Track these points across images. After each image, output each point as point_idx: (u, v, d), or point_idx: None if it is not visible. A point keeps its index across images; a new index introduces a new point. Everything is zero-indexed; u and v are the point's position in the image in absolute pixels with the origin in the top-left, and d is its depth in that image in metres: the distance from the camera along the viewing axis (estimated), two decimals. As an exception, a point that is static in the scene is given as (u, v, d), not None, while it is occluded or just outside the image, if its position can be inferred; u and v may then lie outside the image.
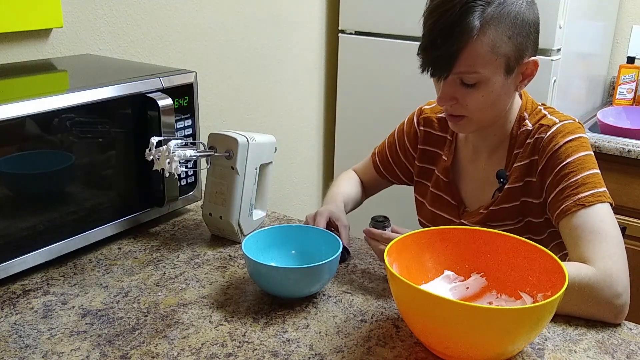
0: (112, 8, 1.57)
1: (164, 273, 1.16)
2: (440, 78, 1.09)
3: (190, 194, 1.39)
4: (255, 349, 0.94)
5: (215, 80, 1.91)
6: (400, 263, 0.99)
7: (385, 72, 2.20)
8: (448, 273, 1.04)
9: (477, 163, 1.26)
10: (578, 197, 1.07)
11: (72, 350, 0.92)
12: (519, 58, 1.09)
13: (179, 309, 1.04)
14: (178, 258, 1.22)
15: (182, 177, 1.35)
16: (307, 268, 1.03)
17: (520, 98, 1.21)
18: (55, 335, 0.96)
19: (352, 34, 2.26)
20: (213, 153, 1.23)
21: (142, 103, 1.23)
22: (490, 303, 1.00)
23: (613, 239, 1.04)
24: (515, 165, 1.18)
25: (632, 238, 2.00)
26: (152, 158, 1.17)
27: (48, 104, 1.07)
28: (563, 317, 1.02)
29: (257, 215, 1.31)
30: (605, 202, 1.07)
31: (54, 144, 1.10)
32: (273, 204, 2.05)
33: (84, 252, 1.22)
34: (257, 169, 1.27)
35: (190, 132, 1.34)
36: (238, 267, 1.19)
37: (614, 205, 1.10)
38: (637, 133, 2.06)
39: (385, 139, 1.44)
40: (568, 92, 2.09)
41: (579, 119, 1.18)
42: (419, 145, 1.34)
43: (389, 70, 2.18)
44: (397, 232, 1.15)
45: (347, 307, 1.06)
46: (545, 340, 0.97)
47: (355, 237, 1.31)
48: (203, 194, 1.30)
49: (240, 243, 1.25)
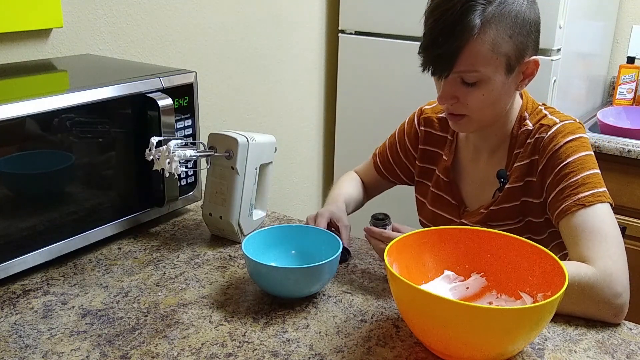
0: (112, 8, 1.57)
1: (164, 273, 1.16)
2: (441, 77, 1.09)
3: (190, 194, 1.39)
4: (255, 349, 0.94)
5: (215, 80, 1.91)
6: (400, 263, 0.99)
7: (385, 72, 2.19)
8: (448, 273, 1.04)
9: (477, 163, 1.26)
10: (578, 197, 1.07)
11: (72, 350, 0.92)
12: (520, 57, 1.09)
13: (179, 309, 1.04)
14: (178, 258, 1.22)
15: (182, 177, 1.35)
16: (307, 268, 1.03)
17: (521, 98, 1.21)
18: (55, 335, 0.96)
19: (352, 34, 2.26)
20: (213, 153, 1.23)
21: (142, 103, 1.23)
22: (490, 303, 1.00)
23: (613, 239, 1.04)
24: (516, 165, 1.18)
25: (632, 238, 2.00)
26: (152, 158, 1.17)
27: (48, 104, 1.07)
28: (563, 317, 1.02)
29: (257, 215, 1.31)
30: (605, 202, 1.07)
31: (54, 144, 1.10)
32: (273, 204, 2.05)
33: (84, 252, 1.22)
34: (257, 169, 1.27)
35: (190, 132, 1.34)
36: (238, 267, 1.19)
37: (614, 205, 1.10)
38: (637, 133, 2.06)
39: (386, 140, 1.44)
40: (568, 92, 2.09)
41: (579, 119, 1.18)
42: (420, 145, 1.34)
43: (389, 70, 2.18)
44: (397, 229, 1.15)
45: (347, 307, 1.06)
46: (545, 340, 0.97)
47: (356, 237, 1.31)
48: (203, 194, 1.30)
49: (240, 243, 1.25)
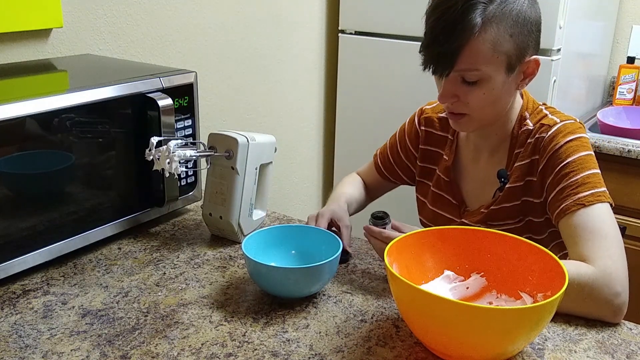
0: (112, 8, 1.57)
1: (164, 273, 1.16)
2: (442, 75, 1.09)
3: (190, 194, 1.39)
4: (255, 349, 0.94)
5: (215, 80, 1.90)
6: (400, 263, 0.99)
7: (385, 72, 2.19)
8: (448, 273, 1.04)
9: (478, 162, 1.26)
10: (578, 196, 1.07)
11: (72, 350, 0.92)
12: (521, 56, 1.09)
13: (179, 309, 1.04)
14: (178, 258, 1.22)
15: (182, 177, 1.35)
16: (307, 268, 1.03)
17: (522, 98, 1.21)
18: (55, 335, 0.96)
19: (352, 34, 2.26)
20: (213, 153, 1.23)
21: (142, 103, 1.23)
22: (490, 303, 1.00)
23: (612, 239, 1.04)
24: (516, 165, 1.18)
25: (632, 238, 1.99)
26: (152, 158, 1.17)
27: (48, 104, 1.07)
28: (563, 317, 1.02)
29: (257, 215, 1.31)
30: (605, 202, 1.07)
31: (54, 144, 1.10)
32: (273, 204, 2.05)
33: (84, 252, 1.22)
34: (257, 169, 1.27)
35: (190, 132, 1.34)
36: (238, 267, 1.19)
37: (614, 205, 1.10)
38: (637, 133, 2.06)
39: (387, 141, 1.44)
40: (568, 92, 2.09)
41: (579, 119, 1.18)
42: (420, 145, 1.34)
43: (389, 70, 2.18)
44: (397, 227, 1.15)
45: (347, 307, 1.06)
46: (545, 340, 0.97)
47: (356, 237, 1.31)
48: (203, 194, 1.30)
49: (240, 243, 1.25)
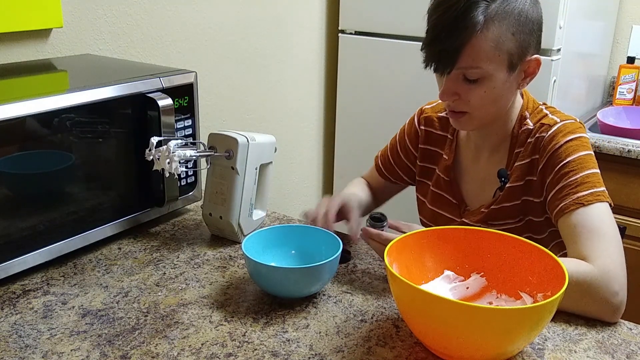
0: (112, 8, 1.57)
1: (164, 273, 1.16)
2: (444, 73, 1.09)
3: (190, 194, 1.39)
4: (255, 349, 0.94)
5: (215, 80, 1.90)
6: (400, 263, 0.99)
7: (385, 72, 2.19)
8: (448, 273, 1.04)
9: (478, 162, 1.26)
10: (577, 195, 1.07)
11: (72, 350, 0.92)
12: (522, 55, 1.09)
13: (179, 309, 1.04)
14: (178, 258, 1.22)
15: (182, 177, 1.35)
16: (307, 268, 1.03)
17: (522, 97, 1.21)
18: (55, 335, 0.96)
19: (352, 34, 2.26)
20: (213, 153, 1.23)
21: (142, 103, 1.23)
22: (490, 303, 1.00)
23: (611, 238, 1.04)
24: (516, 164, 1.18)
25: (632, 238, 1.99)
26: (152, 158, 1.17)
27: (48, 104, 1.07)
28: (563, 317, 1.02)
29: (257, 215, 1.31)
30: (604, 201, 1.07)
31: (54, 144, 1.10)
32: (273, 204, 2.05)
33: (84, 252, 1.22)
34: (257, 169, 1.27)
35: (190, 132, 1.34)
36: (238, 267, 1.19)
37: (614, 205, 1.10)
38: (637, 133, 2.06)
39: (388, 143, 1.44)
40: (568, 92, 2.09)
41: (579, 119, 1.18)
42: (420, 145, 1.34)
43: (389, 70, 2.18)
44: (394, 226, 1.15)
45: (347, 307, 1.06)
46: (545, 340, 0.97)
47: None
48: (203, 194, 1.30)
49: (240, 243, 1.25)
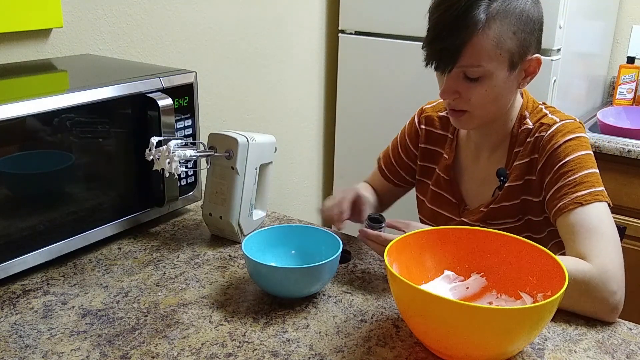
0: (112, 8, 1.57)
1: (164, 273, 1.16)
2: (445, 71, 1.09)
3: (190, 194, 1.39)
4: (255, 349, 0.94)
5: (215, 80, 1.90)
6: (400, 263, 0.99)
7: (385, 72, 2.19)
8: (448, 273, 1.04)
9: (478, 161, 1.26)
10: (576, 195, 1.07)
11: (72, 350, 0.92)
12: (523, 54, 1.09)
13: (179, 309, 1.04)
14: (178, 258, 1.22)
15: (182, 177, 1.35)
16: (307, 268, 1.03)
17: (522, 97, 1.22)
18: (55, 335, 0.96)
19: (352, 34, 2.26)
20: (213, 153, 1.23)
21: (142, 103, 1.23)
22: (490, 303, 1.00)
23: (610, 237, 1.04)
24: (516, 164, 1.18)
25: (632, 238, 1.99)
26: (152, 158, 1.17)
27: (48, 104, 1.07)
28: (563, 317, 1.02)
29: (257, 215, 1.31)
30: (603, 201, 1.08)
31: (54, 144, 1.10)
32: (273, 204, 2.05)
33: (84, 252, 1.22)
34: (257, 169, 1.27)
35: (190, 132, 1.34)
36: (238, 267, 1.19)
37: (613, 205, 1.10)
38: (637, 133, 2.06)
39: (389, 144, 1.44)
40: (568, 92, 2.09)
41: (579, 119, 1.18)
42: (420, 144, 1.35)
43: (389, 70, 2.18)
44: (393, 225, 1.15)
45: (347, 307, 1.06)
46: (545, 340, 0.97)
47: (355, 236, 1.31)
48: (203, 194, 1.30)
49: (240, 243, 1.25)
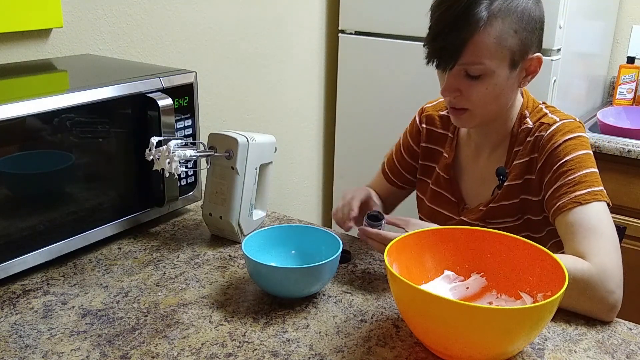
0: (112, 8, 1.57)
1: (164, 273, 1.16)
2: (446, 69, 1.09)
3: (190, 194, 1.39)
4: (255, 349, 0.94)
5: (215, 80, 1.90)
6: (400, 263, 0.99)
7: (385, 72, 2.19)
8: (448, 273, 1.04)
9: (478, 160, 1.26)
10: (575, 194, 1.08)
11: (72, 350, 0.92)
12: (524, 53, 1.09)
13: (179, 309, 1.04)
14: (178, 258, 1.22)
15: (182, 177, 1.35)
16: (307, 268, 1.03)
17: (522, 97, 1.22)
18: (55, 335, 0.96)
19: (352, 34, 2.26)
20: (213, 153, 1.23)
21: (142, 103, 1.23)
22: (490, 303, 1.00)
23: (609, 237, 1.04)
24: (515, 163, 1.18)
25: (632, 238, 1.99)
26: (152, 158, 1.17)
27: (48, 104, 1.07)
28: (563, 317, 1.02)
29: (257, 215, 1.31)
30: (602, 200, 1.08)
31: (54, 144, 1.10)
32: (273, 204, 2.05)
33: (84, 252, 1.22)
34: (257, 169, 1.27)
35: (190, 132, 1.34)
36: (238, 267, 1.19)
37: (613, 205, 1.10)
38: (637, 133, 2.06)
39: (392, 147, 1.44)
40: (568, 92, 2.09)
41: (579, 119, 1.18)
42: (422, 143, 1.35)
43: (389, 70, 2.18)
44: (392, 222, 1.15)
45: (347, 307, 1.06)
46: (545, 340, 0.97)
47: (356, 236, 1.31)
48: (203, 194, 1.30)
49: (240, 243, 1.25)
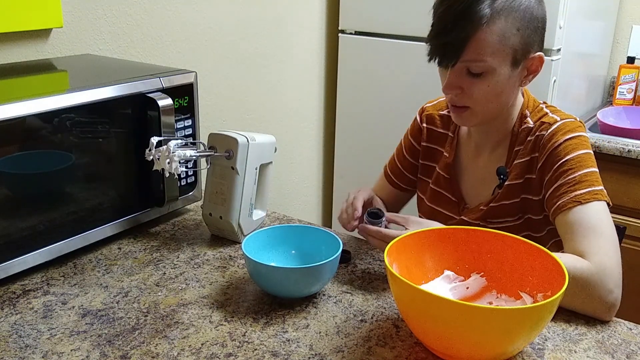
0: (112, 8, 1.57)
1: (164, 273, 1.16)
2: (448, 66, 1.10)
3: (190, 194, 1.39)
4: (255, 349, 0.94)
5: (215, 80, 1.90)
6: (400, 263, 0.99)
7: (385, 72, 2.19)
8: (448, 273, 1.04)
9: (478, 160, 1.26)
10: (575, 194, 1.08)
11: (72, 350, 0.92)
12: (526, 52, 1.10)
13: (179, 309, 1.04)
14: (178, 258, 1.22)
15: (182, 177, 1.35)
16: (307, 268, 1.03)
17: (522, 96, 1.22)
18: (55, 335, 0.96)
19: (352, 34, 2.26)
20: (213, 153, 1.23)
21: (142, 103, 1.23)
22: (490, 303, 1.00)
23: (608, 237, 1.04)
24: (516, 162, 1.18)
25: (632, 238, 1.99)
26: (152, 158, 1.17)
27: (48, 104, 1.07)
28: (563, 317, 1.02)
29: (257, 215, 1.31)
30: (602, 200, 1.08)
31: (54, 144, 1.10)
32: (273, 204, 2.05)
33: (84, 252, 1.22)
34: (257, 169, 1.27)
35: (190, 132, 1.34)
36: (238, 267, 1.19)
37: (612, 205, 1.10)
38: (637, 133, 2.06)
39: (394, 150, 1.44)
40: (568, 92, 2.09)
41: (580, 119, 1.18)
42: (422, 143, 1.35)
43: (389, 70, 2.18)
44: (392, 220, 1.15)
45: (347, 307, 1.06)
46: (545, 340, 0.97)
47: (355, 236, 1.31)
48: (203, 194, 1.30)
49: (240, 243, 1.25)
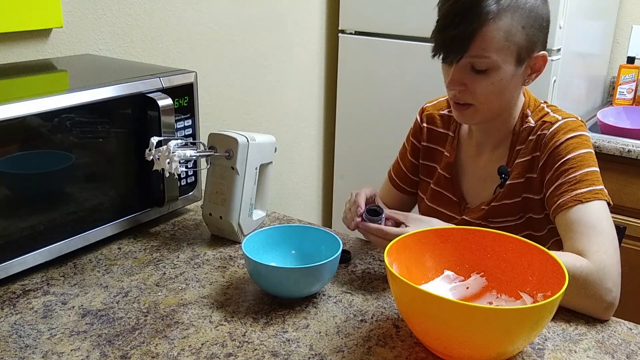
0: (112, 8, 1.57)
1: (164, 273, 1.16)
2: (452, 62, 1.10)
3: (190, 194, 1.39)
4: (255, 349, 0.94)
5: (215, 80, 1.90)
6: (400, 263, 0.99)
7: (385, 72, 2.19)
8: (448, 273, 1.04)
9: (479, 159, 1.26)
10: (575, 192, 1.08)
11: (72, 350, 0.92)
12: (530, 50, 1.10)
13: (179, 309, 1.04)
14: (178, 258, 1.22)
15: (182, 177, 1.35)
16: (307, 268, 1.03)
17: (524, 96, 1.22)
18: (55, 335, 0.96)
19: (352, 34, 2.26)
20: (213, 153, 1.23)
21: (142, 103, 1.23)
22: (490, 303, 1.00)
23: (608, 236, 1.05)
24: (517, 162, 1.18)
25: (632, 238, 1.99)
26: (152, 158, 1.17)
27: (48, 104, 1.07)
28: (563, 317, 1.02)
29: (257, 215, 1.31)
30: (602, 199, 1.08)
31: (54, 144, 1.10)
32: (273, 204, 2.05)
33: (84, 252, 1.22)
34: (257, 169, 1.27)
35: (190, 132, 1.34)
36: (238, 267, 1.19)
37: (613, 205, 1.10)
38: (637, 133, 2.06)
39: (397, 155, 1.44)
40: (568, 92, 2.09)
41: (580, 118, 1.18)
42: (423, 142, 1.35)
43: (389, 71, 2.18)
44: (391, 217, 1.15)
45: (347, 307, 1.06)
46: (545, 340, 0.97)
47: (356, 236, 1.31)
48: (203, 194, 1.31)
49: (240, 243, 1.25)
